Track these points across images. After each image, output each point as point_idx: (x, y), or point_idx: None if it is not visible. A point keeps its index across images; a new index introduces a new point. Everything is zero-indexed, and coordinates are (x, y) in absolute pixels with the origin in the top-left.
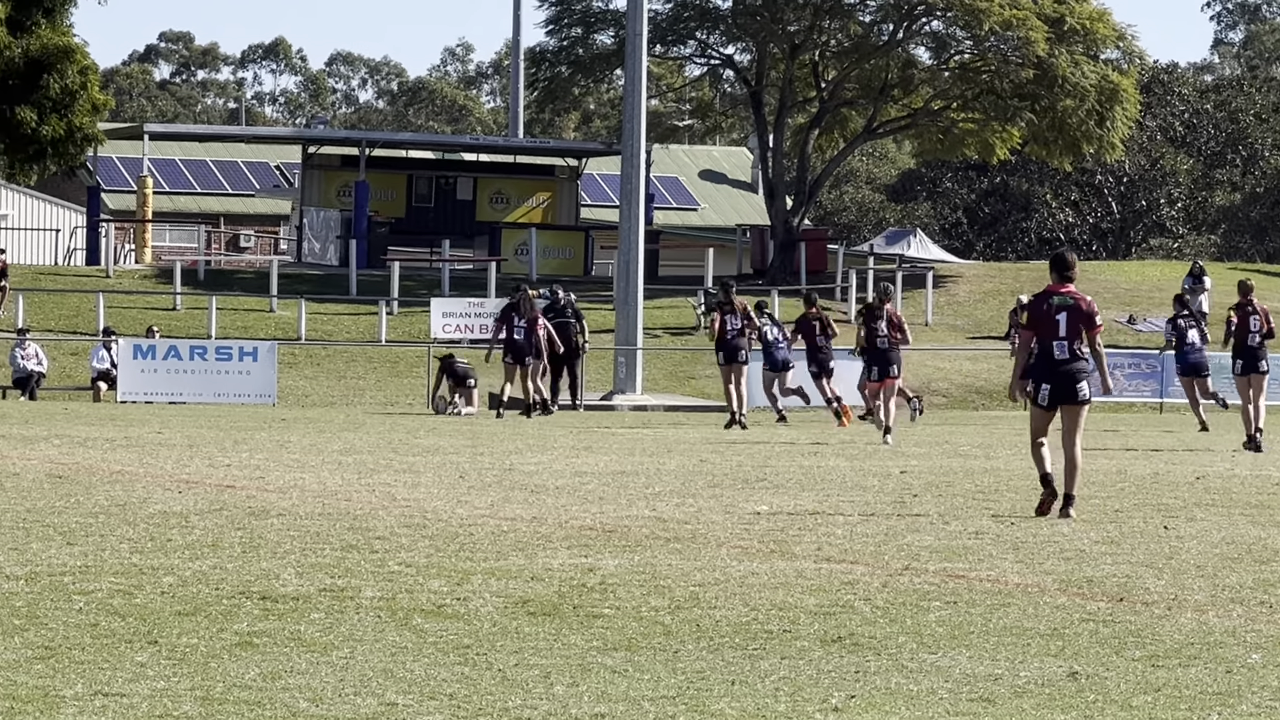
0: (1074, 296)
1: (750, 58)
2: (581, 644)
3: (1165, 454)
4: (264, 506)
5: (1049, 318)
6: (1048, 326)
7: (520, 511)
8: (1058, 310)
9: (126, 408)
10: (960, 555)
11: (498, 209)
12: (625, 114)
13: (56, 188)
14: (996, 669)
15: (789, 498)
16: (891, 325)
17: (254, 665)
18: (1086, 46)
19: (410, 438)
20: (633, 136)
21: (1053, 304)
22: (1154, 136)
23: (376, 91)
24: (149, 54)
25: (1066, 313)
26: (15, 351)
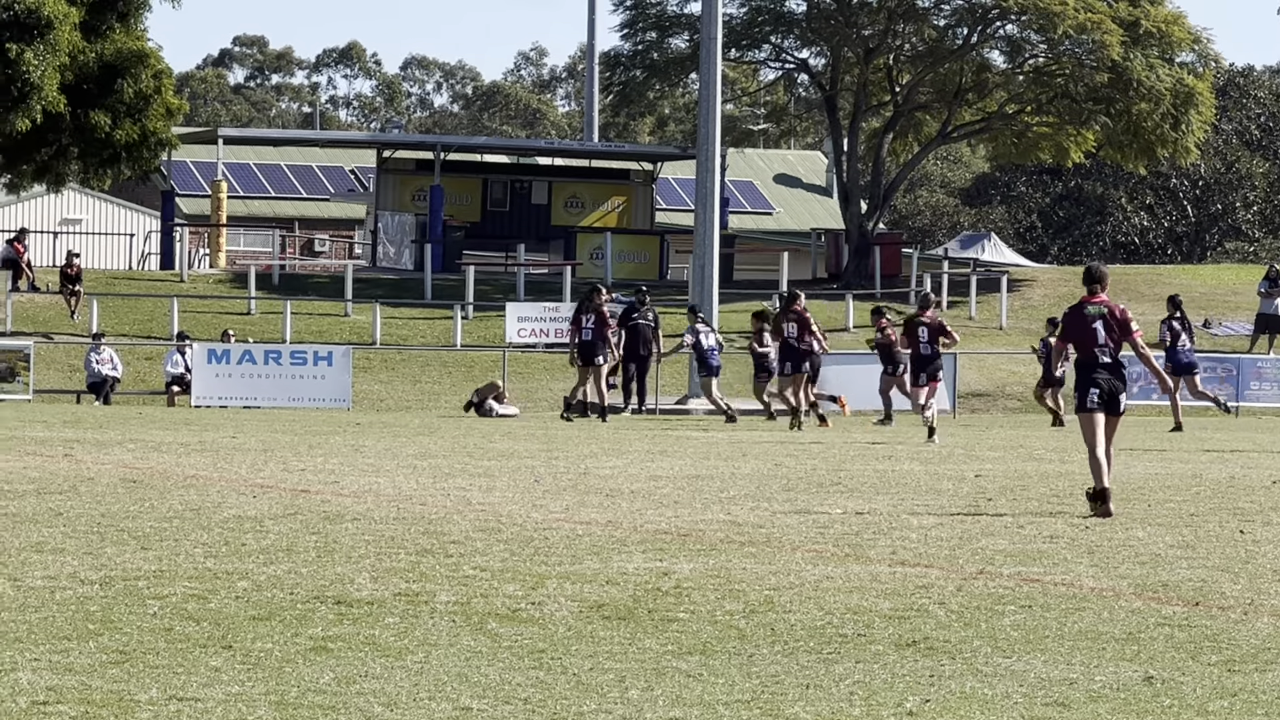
0: (1106, 305)
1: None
2: (656, 648)
3: (1241, 457)
4: (339, 511)
5: (1086, 327)
6: (1087, 336)
7: (595, 515)
8: (1093, 320)
9: (201, 412)
10: (1035, 559)
11: (572, 213)
12: (700, 118)
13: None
14: (1071, 673)
15: (863, 501)
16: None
17: (329, 670)
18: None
19: (485, 442)
20: (707, 140)
21: (1089, 314)
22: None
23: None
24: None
25: (1101, 321)
26: (90, 356)
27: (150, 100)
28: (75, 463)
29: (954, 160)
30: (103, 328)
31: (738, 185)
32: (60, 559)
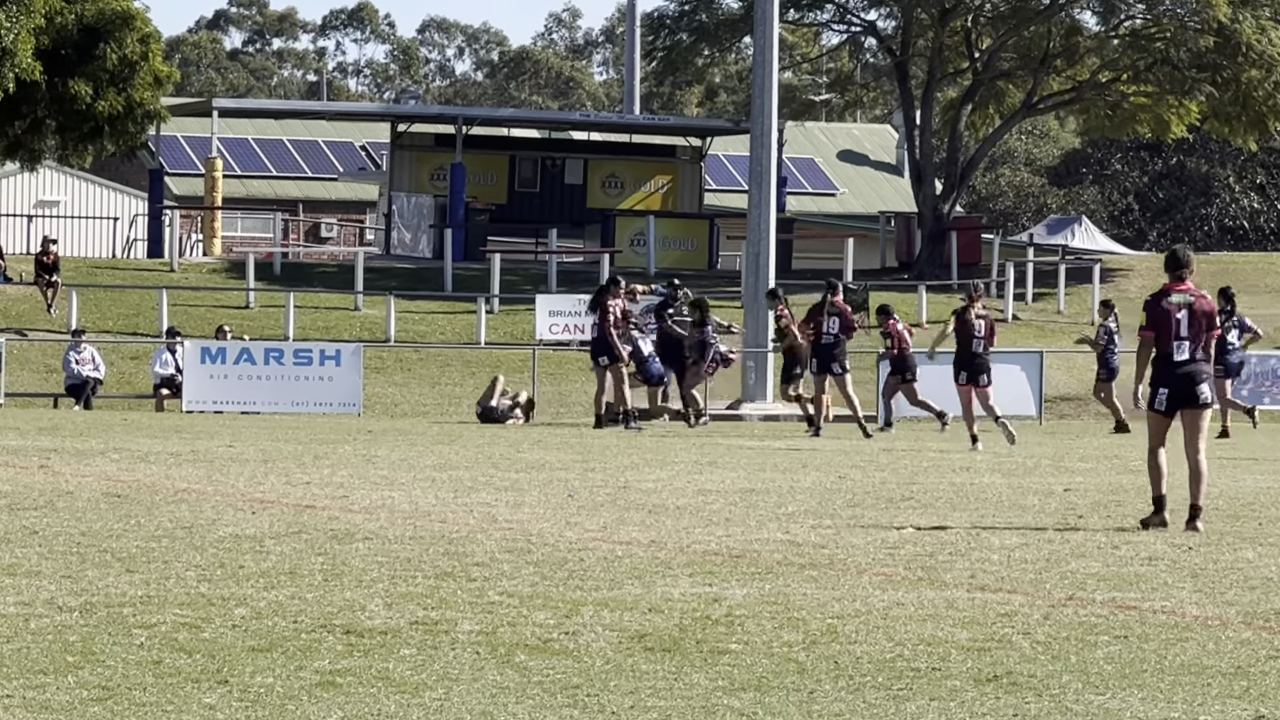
0: (1193, 294)
1: (895, 24)
2: (705, 683)
3: None
4: (348, 529)
5: (1168, 318)
6: (1167, 327)
7: (636, 535)
8: (1178, 309)
9: (193, 418)
10: (1131, 584)
11: (611, 194)
12: (754, 87)
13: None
14: (1173, 712)
15: (938, 518)
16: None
17: (336, 708)
18: (1274, 10)
19: (513, 451)
20: (763, 113)
21: (1172, 303)
22: None
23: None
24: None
25: (1187, 311)
26: (69, 355)
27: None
28: (52, 475)
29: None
30: (83, 323)
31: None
32: (36, 583)
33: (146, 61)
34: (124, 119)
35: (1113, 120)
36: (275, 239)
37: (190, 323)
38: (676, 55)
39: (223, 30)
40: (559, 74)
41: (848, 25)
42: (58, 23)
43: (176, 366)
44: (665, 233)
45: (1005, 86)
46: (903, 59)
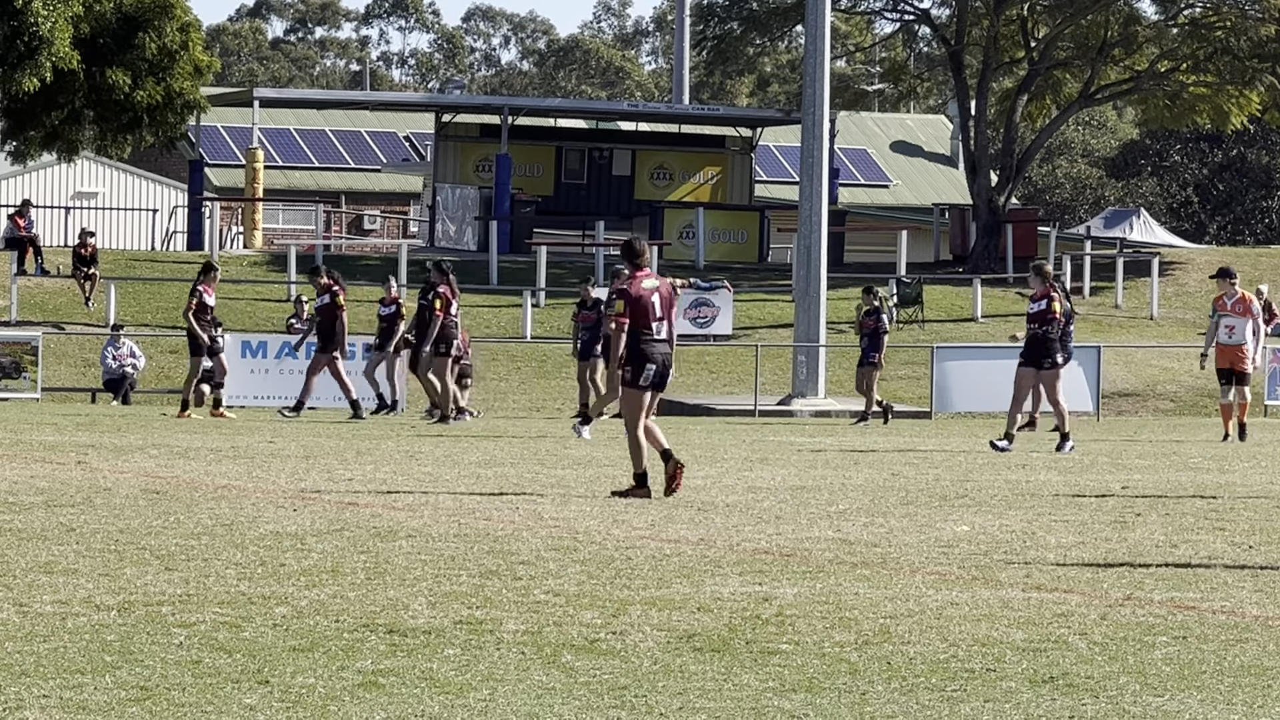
0: None
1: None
2: (755, 684)
3: None
4: (391, 527)
5: None
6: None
7: (685, 533)
8: None
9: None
10: (1190, 583)
11: (659, 186)
12: (806, 77)
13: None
14: (1233, 714)
15: (993, 516)
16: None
17: (379, 709)
18: None
19: (559, 448)
20: (814, 103)
21: None
22: None
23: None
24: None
25: None
26: (107, 350)
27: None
28: (90, 471)
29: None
30: (121, 317)
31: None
32: (73, 581)
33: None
34: (163, 109)
35: (1172, 111)
36: (317, 231)
37: (231, 316)
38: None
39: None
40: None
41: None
42: (96, 11)
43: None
44: (715, 225)
45: (1062, 76)
46: (957, 48)
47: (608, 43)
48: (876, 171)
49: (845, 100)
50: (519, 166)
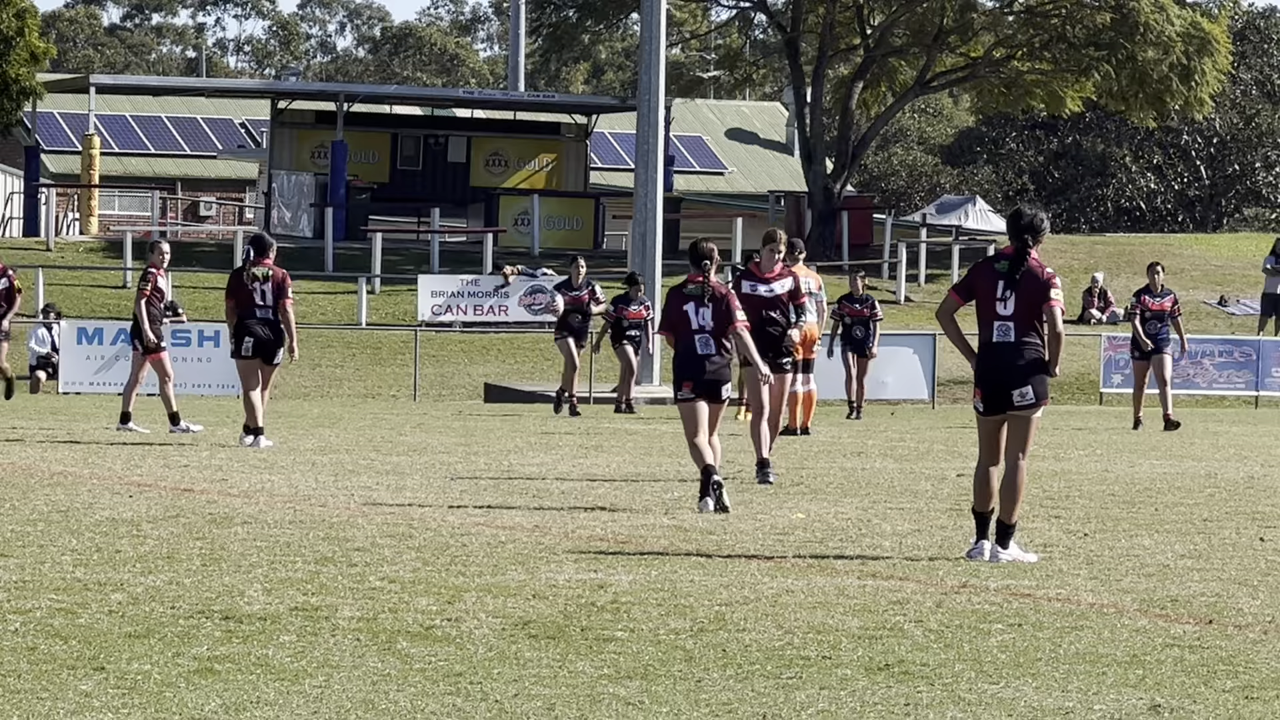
0: None
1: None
2: (591, 671)
3: (1260, 454)
4: (227, 513)
5: None
6: None
7: (520, 520)
8: None
9: (69, 399)
10: (1025, 571)
11: (495, 173)
12: (642, 64)
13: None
14: (1067, 701)
15: (829, 504)
16: None
17: (215, 695)
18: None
19: (395, 434)
20: (650, 90)
21: None
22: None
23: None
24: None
25: None
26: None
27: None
28: None
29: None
30: None
31: (685, 141)
32: None
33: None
34: None
35: (1007, 97)
36: (153, 217)
37: (67, 302)
38: (562, 31)
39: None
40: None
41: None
42: None
43: (53, 346)
44: (550, 212)
45: (898, 64)
46: (793, 35)
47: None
48: (712, 159)
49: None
50: (355, 153)
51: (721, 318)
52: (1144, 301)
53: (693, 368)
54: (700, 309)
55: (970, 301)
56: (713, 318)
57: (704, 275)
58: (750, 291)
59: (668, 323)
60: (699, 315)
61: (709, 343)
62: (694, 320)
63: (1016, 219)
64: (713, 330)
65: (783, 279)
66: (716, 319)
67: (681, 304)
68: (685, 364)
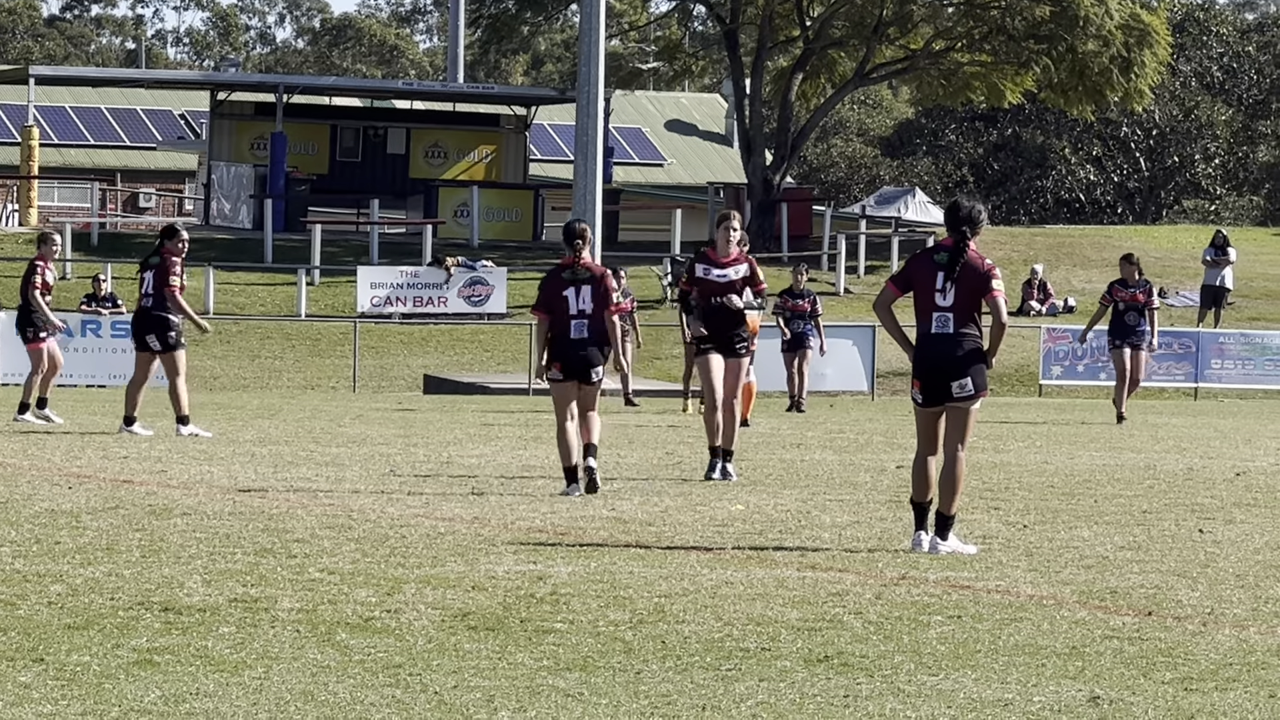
0: None
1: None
2: (530, 663)
3: (1200, 446)
4: (166, 504)
5: None
6: None
7: (459, 511)
8: None
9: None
10: (965, 563)
11: (434, 164)
12: (581, 56)
13: None
14: (1007, 693)
15: (768, 496)
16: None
17: (154, 686)
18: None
19: (334, 426)
20: (589, 82)
21: None
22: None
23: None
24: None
25: None
26: None
27: None
28: None
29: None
30: None
31: (624, 133)
32: None
33: None
34: None
35: (946, 89)
36: (93, 209)
37: (6, 294)
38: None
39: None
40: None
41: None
42: None
43: None
44: (489, 203)
45: (837, 55)
46: (732, 26)
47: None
48: (651, 150)
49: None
50: (294, 144)
51: (599, 299)
52: (1116, 292)
53: (565, 350)
54: (579, 292)
55: (908, 293)
56: (591, 299)
57: (577, 256)
58: (704, 275)
59: (544, 305)
60: (579, 298)
61: (583, 327)
62: (573, 305)
63: (955, 211)
64: (591, 313)
65: (738, 264)
66: (595, 301)
67: (560, 288)
68: (558, 346)
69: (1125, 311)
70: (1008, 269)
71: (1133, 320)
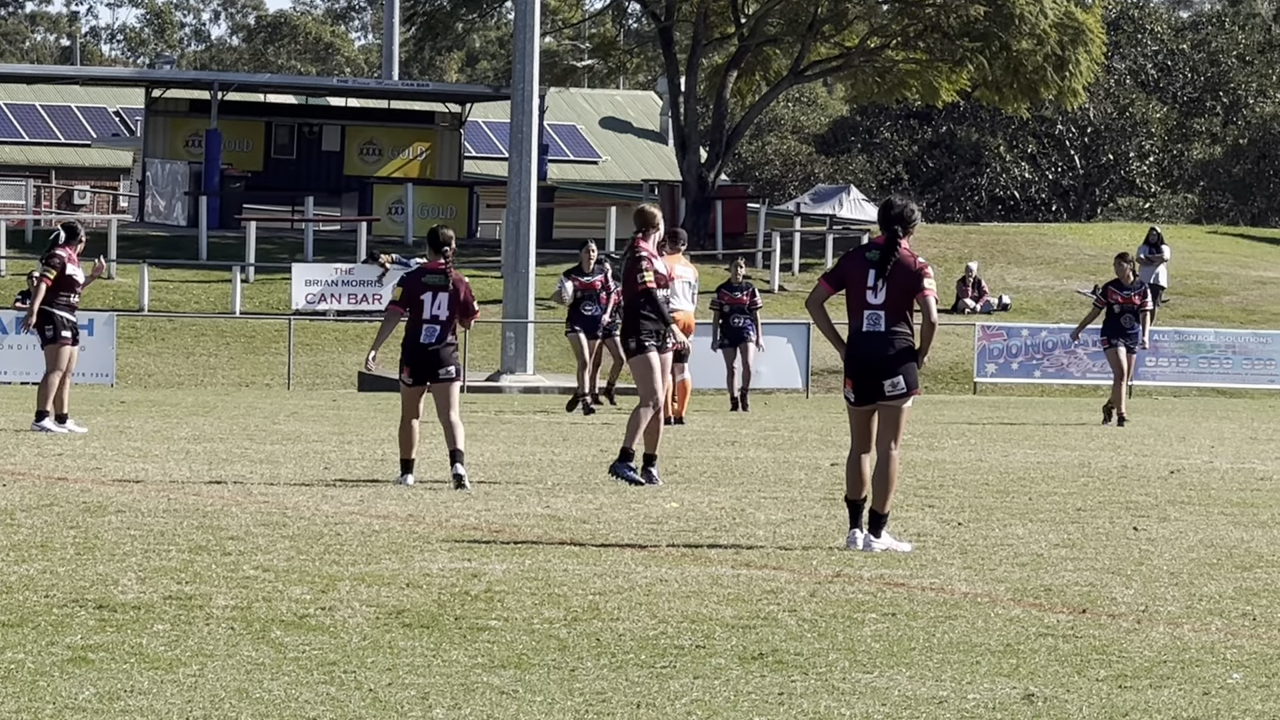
0: None
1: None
2: (464, 661)
3: (1134, 444)
4: (100, 502)
5: None
6: None
7: (394, 508)
8: None
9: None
10: (899, 561)
11: (369, 162)
12: (515, 53)
13: None
14: (941, 690)
15: (703, 493)
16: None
17: (89, 684)
18: None
19: (268, 423)
20: (524, 79)
21: None
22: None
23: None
24: None
25: None
26: None
27: None
28: None
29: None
30: None
31: (558, 130)
32: None
33: None
34: None
35: (881, 86)
36: (27, 206)
37: None
38: (436, 20)
39: None
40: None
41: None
42: None
43: None
44: (424, 200)
45: (772, 53)
46: (667, 24)
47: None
48: (586, 148)
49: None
50: (229, 142)
51: (456, 308)
52: (1111, 294)
53: (414, 355)
54: (437, 297)
55: (841, 290)
56: (448, 306)
57: (444, 262)
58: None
59: (405, 302)
60: (434, 303)
61: (434, 332)
62: (428, 308)
63: (887, 209)
64: (445, 320)
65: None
66: (451, 308)
67: (420, 291)
68: (408, 349)
69: (1121, 314)
70: (942, 266)
71: (1128, 322)
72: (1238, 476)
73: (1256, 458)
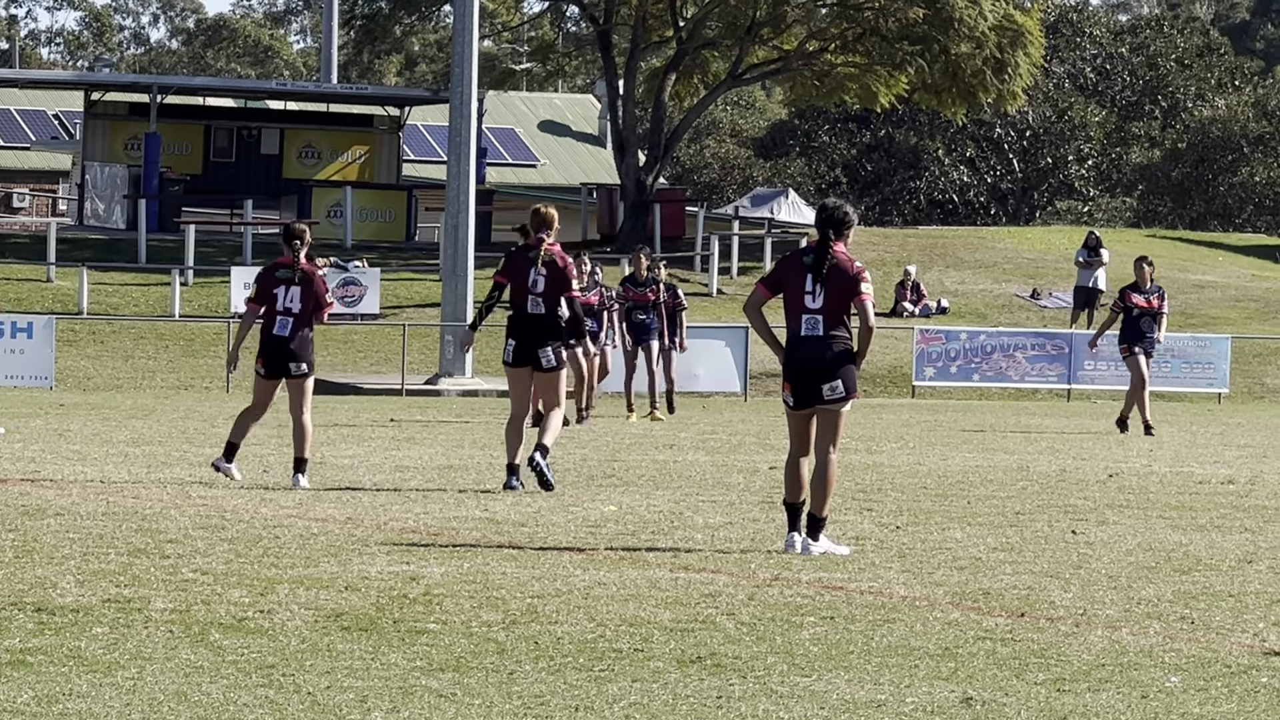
0: None
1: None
2: (403, 664)
3: (1073, 447)
4: (39, 505)
5: None
6: None
7: (333, 511)
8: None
9: None
10: (838, 564)
11: (308, 165)
12: (454, 56)
13: None
14: (880, 694)
15: (641, 497)
16: None
17: (27, 687)
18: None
19: (207, 426)
20: (463, 82)
21: None
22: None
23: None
24: None
25: None
26: None
27: None
28: None
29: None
30: None
31: (497, 133)
32: None
33: None
34: None
35: (819, 90)
36: None
37: None
38: (375, 23)
39: None
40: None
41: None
42: None
43: None
44: (363, 204)
45: (710, 56)
46: (605, 27)
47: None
48: (525, 151)
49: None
50: (168, 145)
51: (309, 300)
52: (1130, 298)
53: (268, 347)
54: (289, 291)
55: (778, 294)
56: (300, 299)
57: (295, 257)
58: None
59: (259, 299)
60: (287, 296)
61: (287, 325)
62: (280, 301)
63: (822, 212)
64: (298, 313)
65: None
66: (304, 301)
67: (272, 286)
68: (263, 341)
69: (1140, 317)
70: (881, 270)
71: (1146, 326)
72: (1176, 480)
73: (1195, 461)
